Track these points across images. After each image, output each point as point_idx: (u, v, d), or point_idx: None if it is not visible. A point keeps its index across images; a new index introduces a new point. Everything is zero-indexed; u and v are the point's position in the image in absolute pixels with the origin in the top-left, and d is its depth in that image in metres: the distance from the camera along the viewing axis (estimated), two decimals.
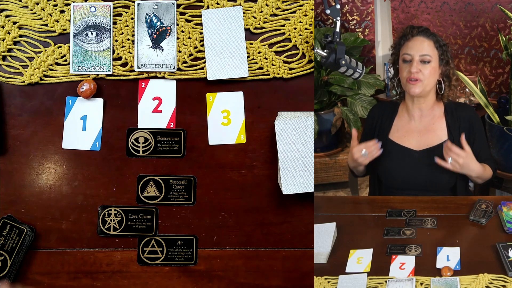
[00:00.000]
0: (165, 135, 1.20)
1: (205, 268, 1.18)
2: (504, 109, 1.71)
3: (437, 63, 1.31)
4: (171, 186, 1.19)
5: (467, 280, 0.99)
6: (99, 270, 1.18)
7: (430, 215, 1.23)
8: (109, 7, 1.21)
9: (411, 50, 1.31)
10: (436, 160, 1.27)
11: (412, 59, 1.30)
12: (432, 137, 1.35)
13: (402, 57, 1.33)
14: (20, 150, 1.20)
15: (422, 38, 1.31)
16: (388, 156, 1.37)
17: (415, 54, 1.30)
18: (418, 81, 1.29)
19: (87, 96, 1.19)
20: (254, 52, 1.21)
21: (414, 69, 1.29)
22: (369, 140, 1.32)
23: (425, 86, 1.31)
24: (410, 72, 1.30)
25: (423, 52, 1.30)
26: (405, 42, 1.33)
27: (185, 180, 1.20)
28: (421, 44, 1.30)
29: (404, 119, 1.39)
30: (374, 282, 1.03)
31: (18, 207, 1.19)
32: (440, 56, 1.31)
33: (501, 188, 1.70)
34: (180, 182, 1.20)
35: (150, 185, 1.19)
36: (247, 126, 1.21)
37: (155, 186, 1.19)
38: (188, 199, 1.20)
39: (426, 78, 1.30)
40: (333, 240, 1.16)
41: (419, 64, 1.29)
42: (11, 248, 1.15)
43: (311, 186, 1.14)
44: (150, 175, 1.20)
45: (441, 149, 1.33)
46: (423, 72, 1.29)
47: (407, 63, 1.31)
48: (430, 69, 1.30)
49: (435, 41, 1.31)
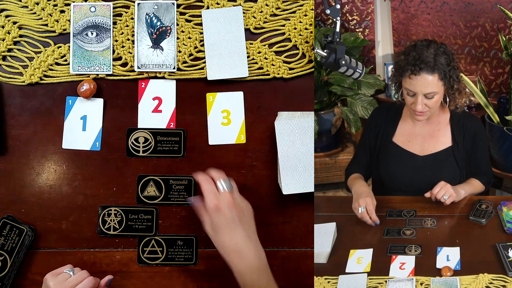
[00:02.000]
0: (165, 135, 1.20)
1: (205, 268, 1.18)
2: (504, 109, 1.71)
3: (443, 91, 1.26)
4: (171, 186, 1.19)
5: (467, 280, 0.99)
6: (99, 270, 1.18)
7: (430, 215, 1.23)
8: (109, 7, 1.21)
9: (414, 88, 1.24)
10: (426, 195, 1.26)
11: (415, 95, 1.25)
12: (436, 143, 1.35)
13: (405, 89, 1.27)
14: (20, 150, 1.20)
15: (426, 75, 1.22)
16: (392, 160, 1.37)
17: (419, 92, 1.24)
18: (424, 112, 1.27)
19: (87, 96, 1.19)
20: (254, 52, 1.21)
21: (419, 107, 1.24)
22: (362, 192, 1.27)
23: (432, 113, 1.30)
24: (415, 106, 1.25)
25: (428, 91, 1.23)
26: (406, 75, 1.25)
27: (185, 180, 1.20)
28: (425, 82, 1.23)
29: (408, 123, 1.38)
30: (374, 282, 1.03)
31: (18, 207, 1.19)
32: (445, 85, 1.25)
33: (501, 188, 1.71)
34: (180, 182, 1.20)
35: (150, 185, 1.19)
36: (247, 126, 1.21)
37: (155, 186, 1.19)
38: None
39: (432, 108, 1.27)
40: (333, 240, 1.16)
41: (424, 99, 1.24)
42: (11, 248, 1.15)
43: (311, 186, 1.14)
44: (150, 175, 1.20)
45: (444, 155, 1.33)
46: (429, 105, 1.25)
47: (411, 96, 1.26)
48: (435, 100, 1.25)
49: (440, 72, 1.23)
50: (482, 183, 1.35)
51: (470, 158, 1.35)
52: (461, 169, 1.34)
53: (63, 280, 1.05)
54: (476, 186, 1.33)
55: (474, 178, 1.36)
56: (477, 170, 1.36)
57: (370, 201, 1.23)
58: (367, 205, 1.22)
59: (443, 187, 1.24)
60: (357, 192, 1.27)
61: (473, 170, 1.37)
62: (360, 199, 1.24)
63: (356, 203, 1.24)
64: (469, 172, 1.37)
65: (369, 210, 1.21)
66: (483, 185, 1.34)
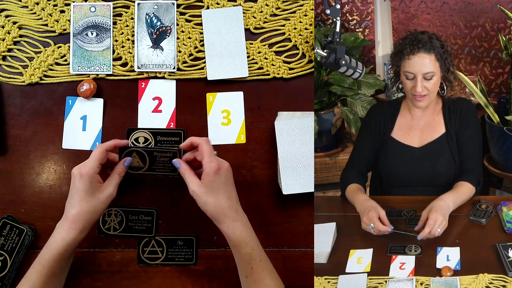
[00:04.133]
0: (165, 135, 1.20)
1: (205, 268, 1.18)
2: (504, 109, 1.71)
3: (440, 74, 1.29)
4: (156, 158, 1.18)
5: (467, 280, 0.99)
6: (99, 270, 1.18)
7: None
8: (109, 7, 1.21)
9: (413, 69, 1.27)
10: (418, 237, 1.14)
11: (415, 77, 1.27)
12: (432, 132, 1.36)
13: (404, 74, 1.30)
14: (20, 150, 1.20)
15: (423, 54, 1.26)
16: (390, 155, 1.37)
17: (418, 73, 1.26)
18: (424, 96, 1.29)
19: (87, 96, 1.19)
20: (254, 52, 1.21)
21: (419, 89, 1.27)
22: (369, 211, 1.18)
23: (431, 98, 1.31)
24: (415, 89, 1.27)
25: (426, 70, 1.26)
26: (405, 58, 1.29)
27: (170, 152, 1.18)
28: (423, 62, 1.26)
29: (406, 117, 1.39)
30: (374, 282, 1.03)
31: (18, 207, 1.19)
32: (442, 66, 1.29)
33: (501, 188, 1.70)
34: (165, 154, 1.18)
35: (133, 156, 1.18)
36: (247, 126, 1.21)
37: (138, 157, 1.18)
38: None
39: (431, 92, 1.29)
40: (333, 240, 1.16)
41: (423, 81, 1.27)
42: (11, 248, 1.15)
43: (311, 186, 1.14)
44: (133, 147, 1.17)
45: (439, 143, 1.33)
46: (428, 87, 1.27)
47: (410, 80, 1.29)
48: (434, 82, 1.28)
49: (436, 53, 1.27)
50: (471, 183, 1.27)
51: (460, 148, 1.33)
52: (454, 157, 1.33)
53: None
54: (465, 193, 1.26)
55: (462, 179, 1.29)
56: (464, 165, 1.32)
57: (374, 215, 1.17)
58: (372, 222, 1.16)
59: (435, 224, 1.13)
60: (361, 210, 1.22)
61: (462, 165, 1.33)
62: (364, 217, 1.18)
63: (363, 223, 1.19)
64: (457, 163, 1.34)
65: (376, 226, 1.15)
66: (473, 185, 1.27)
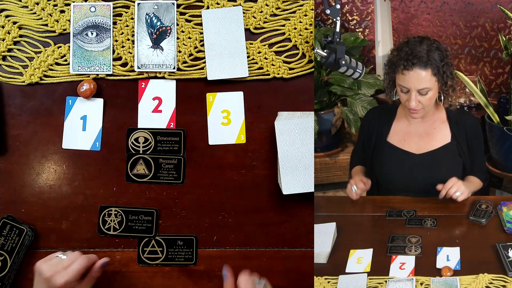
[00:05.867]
0: (165, 135, 1.20)
1: (205, 268, 1.18)
2: (504, 109, 1.71)
3: (437, 88, 1.25)
4: (161, 165, 1.19)
5: (467, 280, 0.99)
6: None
7: (430, 215, 1.23)
8: (109, 7, 1.21)
9: (407, 84, 1.23)
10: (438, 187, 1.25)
11: (409, 91, 1.24)
12: (432, 141, 1.35)
13: (398, 86, 1.26)
14: (20, 150, 1.20)
15: (419, 70, 1.21)
16: (387, 160, 1.37)
17: (412, 88, 1.23)
18: (419, 110, 1.27)
19: (87, 96, 1.19)
20: (254, 52, 1.21)
21: (413, 104, 1.23)
22: (358, 175, 1.38)
23: (426, 111, 1.29)
24: (409, 104, 1.25)
25: (421, 86, 1.22)
26: (399, 72, 1.25)
27: (175, 159, 1.19)
28: (418, 77, 1.22)
29: (403, 122, 1.38)
30: (374, 282, 1.03)
31: (18, 207, 1.19)
32: (439, 81, 1.24)
33: (501, 188, 1.70)
34: (170, 161, 1.19)
35: (140, 163, 1.19)
36: (247, 126, 1.21)
37: (144, 165, 1.19)
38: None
39: (426, 106, 1.26)
40: (333, 240, 1.16)
41: (418, 96, 1.24)
42: (11, 248, 1.15)
43: (311, 186, 1.14)
44: (140, 154, 1.19)
45: (441, 152, 1.33)
46: (423, 102, 1.25)
47: (405, 93, 1.26)
48: (430, 97, 1.25)
49: (433, 67, 1.22)
50: (480, 180, 1.35)
51: (469, 156, 1.36)
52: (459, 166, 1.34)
53: (55, 263, 1.02)
54: (476, 184, 1.34)
55: (471, 175, 1.36)
56: (473, 167, 1.36)
57: (358, 179, 1.33)
58: (356, 183, 1.32)
59: (455, 183, 1.22)
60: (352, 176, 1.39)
61: (469, 168, 1.37)
62: (351, 180, 1.34)
63: (348, 186, 1.34)
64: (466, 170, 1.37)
65: (358, 186, 1.31)
66: (482, 182, 1.35)
